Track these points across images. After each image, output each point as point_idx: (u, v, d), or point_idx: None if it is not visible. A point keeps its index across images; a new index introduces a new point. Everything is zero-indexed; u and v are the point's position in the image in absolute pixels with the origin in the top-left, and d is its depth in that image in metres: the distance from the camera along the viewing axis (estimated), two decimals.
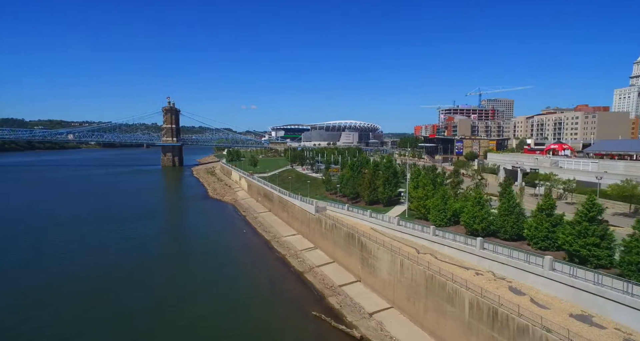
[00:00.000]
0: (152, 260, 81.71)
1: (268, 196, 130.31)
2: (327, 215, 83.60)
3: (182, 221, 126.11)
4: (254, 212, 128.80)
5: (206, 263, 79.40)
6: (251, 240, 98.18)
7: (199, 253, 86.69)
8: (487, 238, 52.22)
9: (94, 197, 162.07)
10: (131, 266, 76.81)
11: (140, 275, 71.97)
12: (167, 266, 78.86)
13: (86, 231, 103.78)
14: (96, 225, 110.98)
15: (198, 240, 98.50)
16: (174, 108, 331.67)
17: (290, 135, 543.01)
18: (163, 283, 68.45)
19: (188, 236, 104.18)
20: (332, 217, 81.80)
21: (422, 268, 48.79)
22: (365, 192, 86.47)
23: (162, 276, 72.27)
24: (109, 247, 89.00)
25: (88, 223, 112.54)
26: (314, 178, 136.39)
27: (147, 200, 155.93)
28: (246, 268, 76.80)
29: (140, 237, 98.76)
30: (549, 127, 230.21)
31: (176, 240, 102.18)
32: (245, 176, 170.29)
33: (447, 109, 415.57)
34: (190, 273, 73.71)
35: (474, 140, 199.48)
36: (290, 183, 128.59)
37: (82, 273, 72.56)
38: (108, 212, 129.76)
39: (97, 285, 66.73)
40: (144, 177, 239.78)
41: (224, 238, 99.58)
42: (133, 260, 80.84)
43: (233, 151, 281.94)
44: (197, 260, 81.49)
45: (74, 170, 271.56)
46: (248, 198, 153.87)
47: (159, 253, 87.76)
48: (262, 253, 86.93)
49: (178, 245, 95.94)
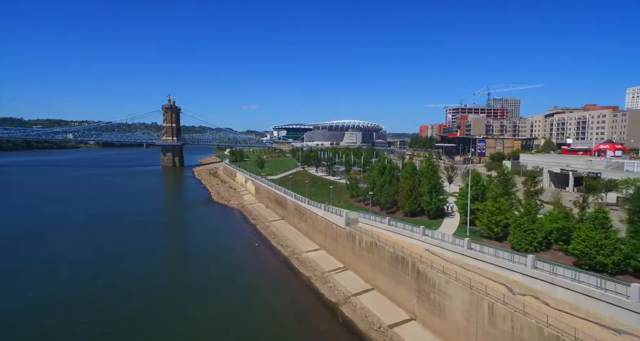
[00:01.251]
0: (148, 285, 66.07)
1: (280, 202, 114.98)
2: (361, 230, 68.40)
3: (184, 231, 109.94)
4: (264, 219, 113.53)
5: (216, 288, 64.14)
6: (266, 256, 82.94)
7: (205, 273, 71.27)
8: (619, 275, 37.20)
9: (86, 201, 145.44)
10: (120, 296, 61.29)
11: (133, 308, 56.56)
12: (167, 289, 63.18)
13: (67, 246, 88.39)
14: (81, 237, 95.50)
15: (204, 255, 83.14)
16: (175, 107, 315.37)
17: (292, 135, 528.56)
18: (162, 315, 53.21)
19: (192, 251, 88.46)
20: (368, 232, 66.58)
21: (534, 321, 33.60)
22: (406, 201, 71.18)
23: (162, 304, 56.90)
24: (93, 269, 73.56)
25: (70, 236, 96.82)
26: (332, 182, 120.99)
27: (144, 205, 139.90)
28: (265, 297, 61.39)
29: (133, 255, 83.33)
30: (570, 125, 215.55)
31: (178, 256, 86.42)
32: (252, 178, 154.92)
33: (455, 108, 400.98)
34: (196, 301, 58.33)
35: (497, 139, 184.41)
36: (307, 188, 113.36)
37: (55, 304, 57.26)
38: (98, 221, 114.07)
39: (82, 318, 51.47)
40: (143, 179, 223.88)
41: (234, 254, 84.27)
42: (122, 286, 65.10)
43: (236, 151, 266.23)
44: (204, 283, 66.11)
45: (67, 171, 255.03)
46: (256, 203, 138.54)
47: (156, 274, 72.21)
48: (282, 275, 71.64)
49: (181, 263, 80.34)
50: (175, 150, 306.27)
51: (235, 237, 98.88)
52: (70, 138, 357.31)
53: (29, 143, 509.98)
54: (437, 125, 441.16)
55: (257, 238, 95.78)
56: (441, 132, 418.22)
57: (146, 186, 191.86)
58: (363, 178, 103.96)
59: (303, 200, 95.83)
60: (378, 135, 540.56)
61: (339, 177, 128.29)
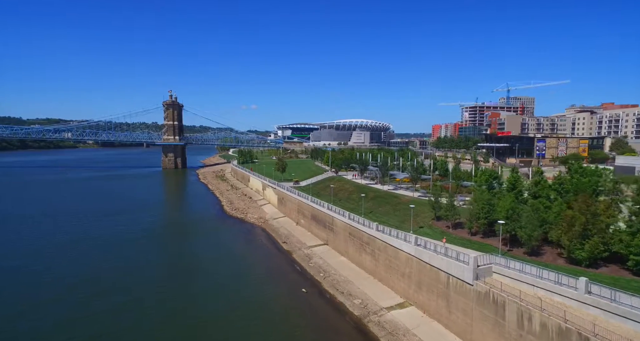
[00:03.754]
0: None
1: (321, 220, 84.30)
2: (505, 290, 38.08)
3: (193, 267, 74.60)
4: (300, 244, 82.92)
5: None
6: (326, 315, 52.16)
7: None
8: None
9: (66, 216, 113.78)
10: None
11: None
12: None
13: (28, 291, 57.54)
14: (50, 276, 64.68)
15: (227, 314, 52.41)
16: (176, 103, 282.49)
17: (298, 134, 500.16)
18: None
19: (208, 306, 57.44)
20: (523, 295, 36.35)
21: None
22: (574, 239, 40.78)
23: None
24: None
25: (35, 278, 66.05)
26: (391, 194, 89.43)
27: (140, 223, 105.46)
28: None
29: (120, 313, 52.64)
30: (627, 123, 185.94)
31: (186, 317, 55.29)
32: (272, 185, 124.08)
33: (472, 107, 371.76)
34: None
35: (560, 138, 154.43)
36: (358, 202, 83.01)
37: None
38: (77, 248, 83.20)
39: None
40: (141, 183, 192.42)
41: (273, 313, 53.10)
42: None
43: (245, 151, 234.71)
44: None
45: (57, 174, 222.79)
46: (281, 218, 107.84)
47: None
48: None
49: (191, 330, 49.62)
50: (177, 151, 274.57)
51: (268, 275, 68.07)
52: (68, 137, 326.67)
53: (23, 142, 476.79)
54: (451, 124, 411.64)
55: (300, 278, 65.24)
56: (456, 131, 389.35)
57: (143, 193, 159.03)
58: (446, 190, 73.47)
59: (368, 225, 64.99)
60: (386, 135, 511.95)
61: (392, 186, 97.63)
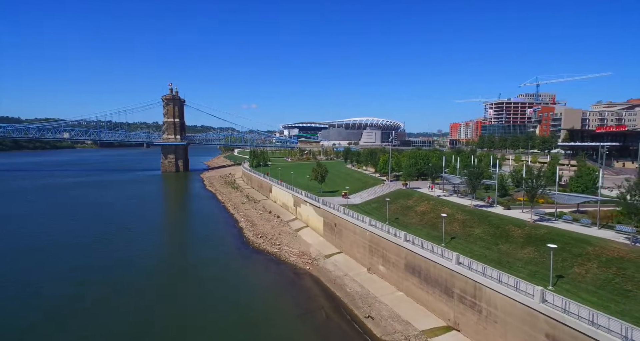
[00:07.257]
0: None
1: (438, 280, 45.91)
2: None
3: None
4: (393, 319, 44.45)
5: None
6: None
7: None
8: None
9: (10, 253, 75.80)
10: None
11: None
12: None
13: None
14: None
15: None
16: (177, 98, 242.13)
17: (305, 133, 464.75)
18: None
19: None
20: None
21: None
22: None
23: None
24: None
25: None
26: (561, 232, 50.75)
27: (123, 267, 66.77)
28: None
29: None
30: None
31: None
32: (312, 201, 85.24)
33: (498, 103, 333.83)
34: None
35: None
36: (487, 242, 45.10)
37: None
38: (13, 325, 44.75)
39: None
40: (136, 192, 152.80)
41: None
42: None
43: (257, 152, 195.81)
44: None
45: (37, 179, 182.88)
46: (336, 255, 68.97)
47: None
48: None
49: None
50: (178, 151, 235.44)
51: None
52: (65, 137, 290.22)
53: (17, 142, 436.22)
54: (472, 122, 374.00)
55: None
56: (479, 129, 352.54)
57: (136, 209, 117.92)
58: None
59: (591, 319, 26.53)
60: (397, 134, 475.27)
61: (497, 206, 59.00)
